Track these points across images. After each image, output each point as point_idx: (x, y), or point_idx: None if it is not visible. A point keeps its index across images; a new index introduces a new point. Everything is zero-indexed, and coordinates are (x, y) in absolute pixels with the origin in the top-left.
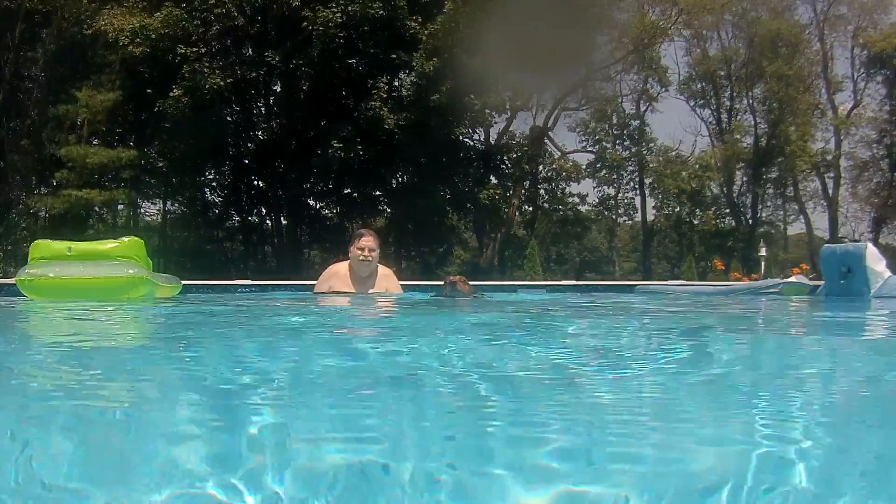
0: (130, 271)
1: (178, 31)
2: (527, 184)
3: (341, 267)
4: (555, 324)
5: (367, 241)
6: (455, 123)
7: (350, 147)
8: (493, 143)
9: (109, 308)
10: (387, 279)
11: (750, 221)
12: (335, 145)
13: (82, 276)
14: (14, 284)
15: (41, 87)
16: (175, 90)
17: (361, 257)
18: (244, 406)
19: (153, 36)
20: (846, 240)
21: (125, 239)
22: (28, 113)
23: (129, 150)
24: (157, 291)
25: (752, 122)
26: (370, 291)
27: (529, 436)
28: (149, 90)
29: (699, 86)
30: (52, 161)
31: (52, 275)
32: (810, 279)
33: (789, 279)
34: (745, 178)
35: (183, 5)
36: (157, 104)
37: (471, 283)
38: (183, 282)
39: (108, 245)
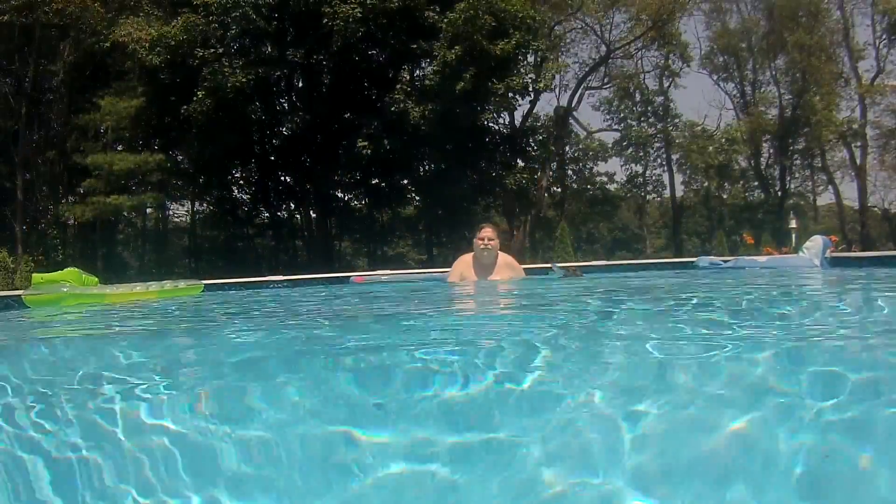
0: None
1: (196, 36)
2: (554, 165)
3: (468, 256)
4: None
5: (485, 232)
6: (479, 109)
7: (377, 142)
8: (518, 125)
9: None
10: (508, 266)
11: (779, 193)
12: (361, 143)
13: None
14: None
15: (62, 98)
16: (198, 92)
17: (482, 246)
18: None
19: (172, 43)
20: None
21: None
22: (51, 124)
23: (155, 153)
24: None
25: (777, 93)
26: (491, 272)
27: None
28: (172, 97)
29: (721, 59)
30: (79, 170)
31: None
32: (840, 250)
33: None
34: (771, 150)
35: (200, 11)
36: (182, 109)
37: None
38: (211, 281)
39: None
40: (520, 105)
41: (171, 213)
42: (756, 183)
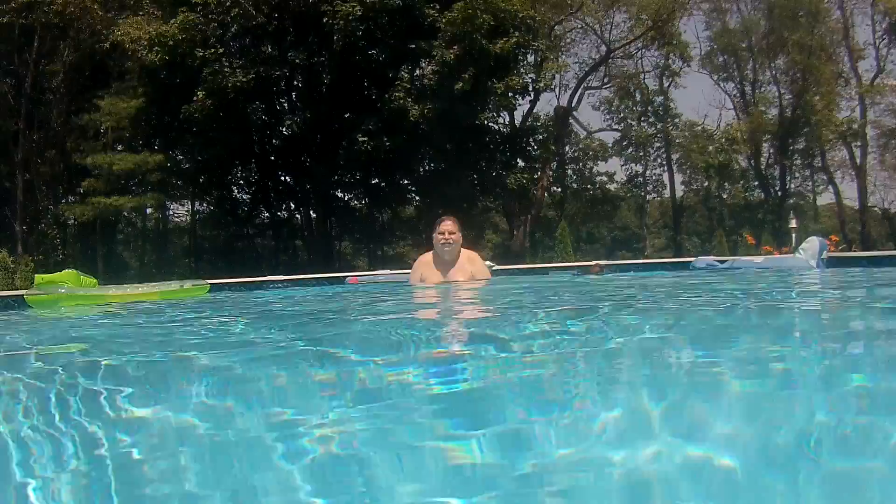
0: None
1: (195, 35)
2: (554, 165)
3: (427, 256)
4: None
5: (446, 225)
6: (479, 108)
7: (376, 139)
8: (518, 125)
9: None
10: (471, 262)
11: (779, 193)
12: (361, 139)
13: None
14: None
15: (62, 98)
16: (198, 92)
17: (443, 241)
18: None
19: (171, 43)
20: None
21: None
22: (51, 124)
23: (155, 154)
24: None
25: (777, 93)
26: (452, 270)
27: None
28: (172, 97)
29: (721, 59)
30: (79, 170)
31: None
32: (840, 250)
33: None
34: (771, 150)
35: (199, 9)
36: (182, 110)
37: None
38: (214, 281)
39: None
40: (520, 105)
41: (171, 213)
42: (756, 183)
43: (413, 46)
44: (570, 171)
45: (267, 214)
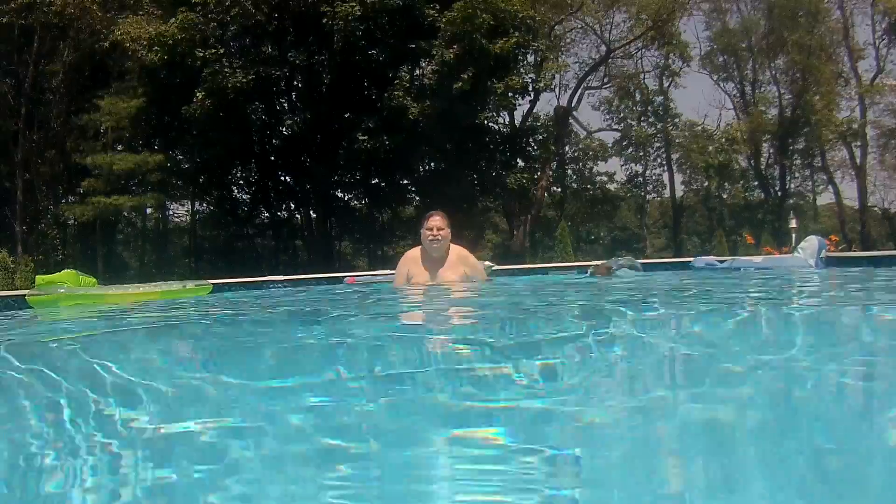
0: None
1: (195, 35)
2: (554, 165)
3: (414, 251)
4: None
5: (434, 221)
6: (479, 108)
7: (376, 138)
8: (517, 125)
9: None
10: (462, 260)
11: (779, 193)
12: (361, 138)
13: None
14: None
15: (62, 98)
16: (198, 93)
17: (430, 237)
18: None
19: (170, 42)
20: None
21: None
22: (51, 124)
23: (156, 154)
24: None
25: (777, 93)
26: (442, 269)
27: None
28: (172, 97)
29: (721, 59)
30: (79, 170)
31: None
32: (840, 250)
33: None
34: (771, 150)
35: (198, 9)
36: (182, 110)
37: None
38: (215, 281)
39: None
40: (519, 105)
41: (171, 213)
42: (756, 183)
43: (413, 46)
44: (570, 171)
45: (267, 214)
